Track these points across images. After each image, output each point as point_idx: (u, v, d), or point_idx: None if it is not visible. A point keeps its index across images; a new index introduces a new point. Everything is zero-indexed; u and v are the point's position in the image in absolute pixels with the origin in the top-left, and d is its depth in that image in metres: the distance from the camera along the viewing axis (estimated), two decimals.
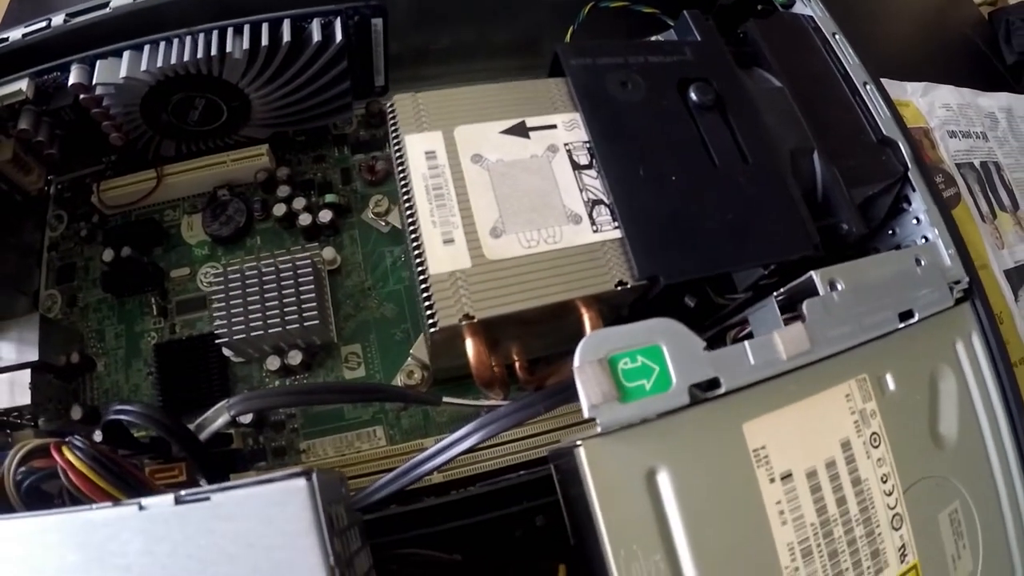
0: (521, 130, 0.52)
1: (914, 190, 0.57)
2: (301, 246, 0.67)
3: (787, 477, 0.40)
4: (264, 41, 0.61)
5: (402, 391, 0.61)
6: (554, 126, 0.52)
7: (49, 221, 0.75)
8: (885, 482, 0.43)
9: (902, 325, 0.46)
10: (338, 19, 0.63)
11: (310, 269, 0.63)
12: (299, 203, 0.65)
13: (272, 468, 0.62)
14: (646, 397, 0.38)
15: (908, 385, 0.45)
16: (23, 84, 0.67)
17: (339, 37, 0.62)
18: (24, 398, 0.65)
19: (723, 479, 0.39)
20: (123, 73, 0.62)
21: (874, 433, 0.44)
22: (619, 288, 0.47)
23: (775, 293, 0.47)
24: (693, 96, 0.53)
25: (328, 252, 0.68)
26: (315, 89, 0.67)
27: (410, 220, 0.46)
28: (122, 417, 0.52)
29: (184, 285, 0.73)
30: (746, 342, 0.40)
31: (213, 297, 0.62)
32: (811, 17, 0.65)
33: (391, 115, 0.50)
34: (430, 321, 0.44)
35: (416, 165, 0.48)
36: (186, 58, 0.62)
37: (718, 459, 0.39)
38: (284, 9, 0.63)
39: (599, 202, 0.50)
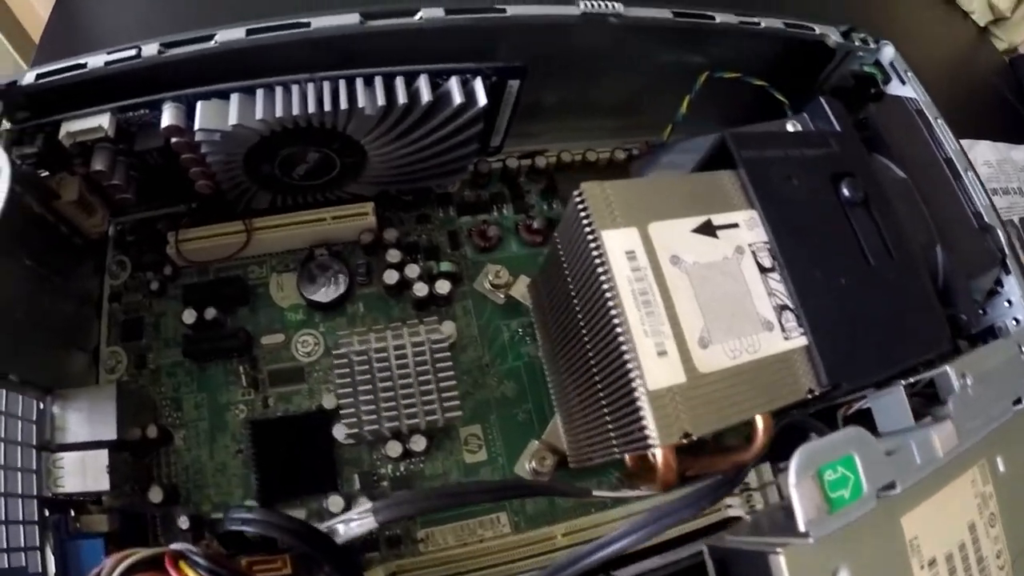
0: (709, 229, 0.43)
1: (1008, 273, 0.52)
2: (418, 319, 0.55)
3: (932, 563, 0.37)
4: (402, 98, 0.49)
5: (554, 487, 0.51)
6: (736, 225, 0.43)
7: (109, 267, 0.55)
8: (999, 557, 0.40)
9: (1014, 411, 0.42)
10: (478, 79, 0.51)
11: (447, 352, 0.52)
12: (412, 271, 0.50)
13: (387, 559, 0.52)
14: (847, 506, 0.34)
15: (1015, 466, 0.42)
16: (104, 120, 0.51)
17: (483, 100, 0.51)
18: (102, 483, 0.50)
19: (888, 570, 0.36)
20: (233, 120, 0.48)
21: (991, 513, 0.41)
22: (808, 396, 0.40)
23: (903, 382, 0.44)
24: (845, 192, 0.46)
25: (448, 327, 0.56)
26: (442, 150, 0.54)
27: (613, 327, 0.38)
28: (247, 528, 0.41)
29: (277, 353, 0.59)
30: (911, 442, 0.38)
31: (339, 382, 0.51)
32: (913, 100, 0.58)
33: (580, 205, 0.40)
34: (644, 440, 0.37)
35: (619, 266, 0.39)
36: (310, 109, 0.48)
37: (884, 552, 0.36)
38: (417, 62, 0.51)
39: (785, 307, 0.42)
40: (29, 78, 0.53)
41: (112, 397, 0.52)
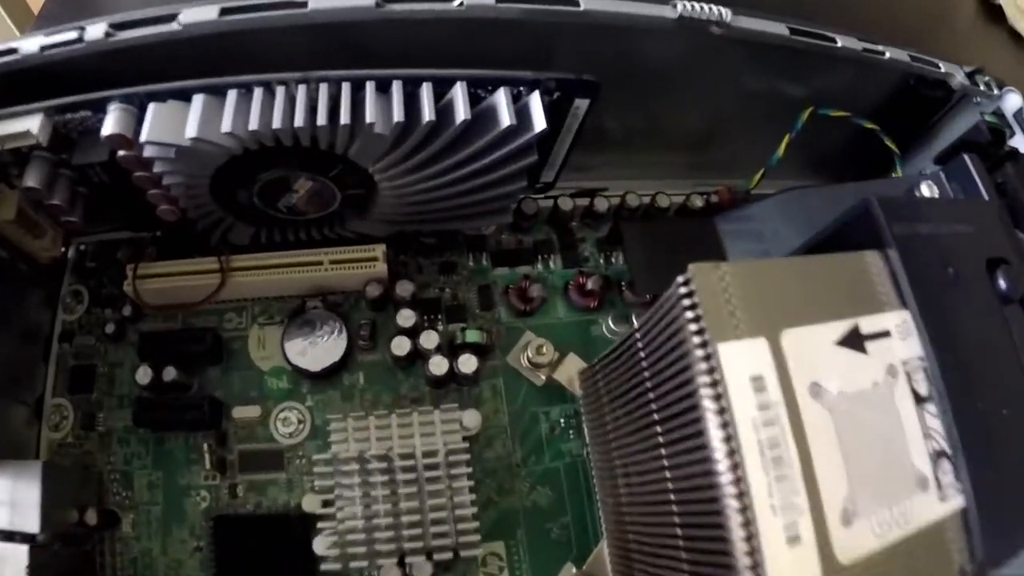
0: (856, 340, 0.28)
1: None
2: (433, 402, 0.41)
3: None
4: (427, 114, 0.34)
5: None
6: (887, 333, 0.29)
7: (63, 299, 0.35)
8: None
9: None
10: (535, 93, 0.36)
11: (466, 455, 0.38)
12: (429, 340, 0.43)
13: None
14: None
15: None
16: (33, 123, 0.36)
17: (541, 123, 0.35)
18: None
19: None
20: (192, 131, 0.33)
21: None
22: None
23: None
24: (1002, 284, 0.32)
25: (471, 418, 0.41)
26: (478, 186, 0.38)
27: (724, 497, 0.25)
28: None
29: (252, 431, 0.44)
30: None
31: (320, 484, 0.38)
32: None
33: (688, 300, 0.26)
34: None
35: (742, 402, 0.25)
36: (298, 122, 0.33)
37: None
38: (452, 65, 0.35)
39: (942, 454, 0.28)
40: None
41: (36, 479, 0.40)
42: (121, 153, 0.36)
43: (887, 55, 0.42)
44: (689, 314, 0.26)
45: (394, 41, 0.36)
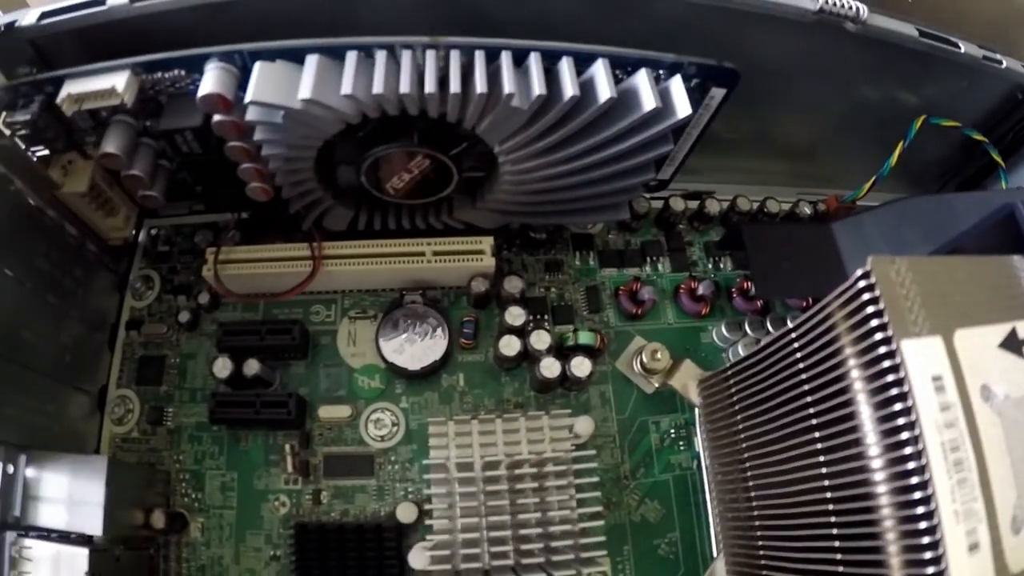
0: (1015, 344, 0.24)
1: None
2: (545, 411, 0.31)
3: None
4: (570, 89, 0.27)
5: None
6: None
7: (132, 284, 0.23)
8: None
9: None
10: (676, 77, 0.29)
11: (592, 463, 0.30)
12: (540, 340, 0.34)
13: None
14: None
15: None
16: (119, 80, 0.28)
17: (686, 107, 0.28)
18: None
19: None
20: (306, 93, 0.26)
21: None
22: None
23: None
24: None
25: (584, 425, 0.32)
26: (605, 176, 0.31)
27: (912, 502, 0.21)
28: None
29: (339, 432, 0.35)
30: None
31: (435, 493, 0.29)
32: None
33: (869, 294, 0.22)
34: None
35: (926, 402, 0.21)
36: (428, 88, 0.26)
37: None
38: (589, 41, 0.28)
39: None
40: (31, 18, 0.32)
41: (100, 476, 0.31)
42: (217, 118, 0.27)
43: (1004, 64, 0.37)
44: (871, 308, 0.22)
45: (517, 12, 0.28)
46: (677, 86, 0.29)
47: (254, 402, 0.33)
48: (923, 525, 0.21)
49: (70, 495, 0.32)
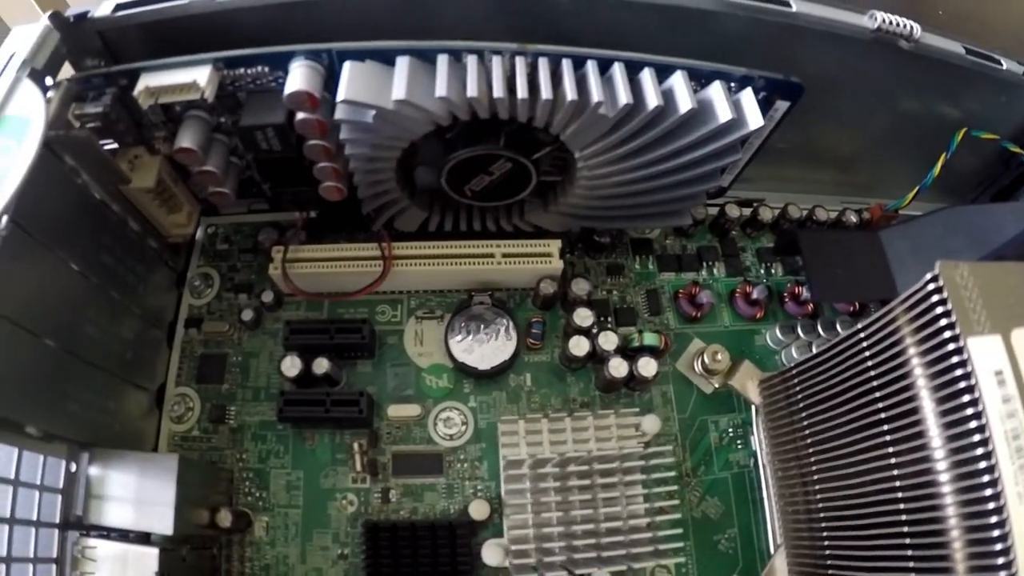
0: None
1: None
2: (614, 410, 0.31)
3: None
4: (653, 99, 0.26)
5: None
6: None
7: (191, 282, 0.21)
8: None
9: None
10: (747, 89, 0.29)
11: (671, 459, 0.30)
12: (608, 341, 0.24)
13: None
14: None
15: None
16: (201, 74, 0.26)
17: (758, 119, 0.28)
18: None
19: None
20: (400, 93, 0.24)
21: None
22: None
23: None
24: None
25: (651, 423, 0.31)
26: (675, 182, 0.30)
27: (981, 486, 0.21)
28: None
29: (407, 431, 0.33)
30: None
31: (511, 490, 0.28)
32: None
33: (938, 295, 0.23)
34: None
35: (990, 395, 0.21)
36: (521, 93, 0.25)
37: None
38: (655, 52, 0.27)
39: None
40: (105, 9, 0.30)
41: (171, 475, 0.29)
42: (301, 115, 0.25)
43: None
44: (940, 309, 0.23)
45: (589, 23, 0.27)
46: (748, 98, 0.29)
47: (324, 400, 0.32)
48: (991, 506, 0.21)
49: (138, 494, 0.29)
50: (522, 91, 0.26)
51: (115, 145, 0.32)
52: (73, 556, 0.30)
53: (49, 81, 0.28)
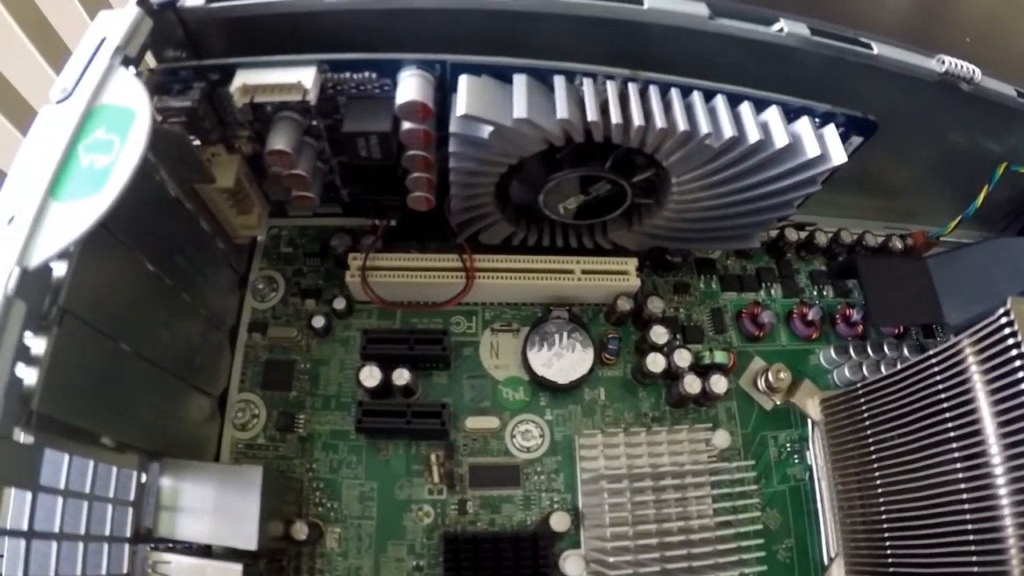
0: None
1: None
2: (689, 425, 0.31)
3: None
4: (755, 134, 0.26)
5: None
6: None
7: (254, 285, 0.19)
8: None
9: None
10: (831, 125, 0.29)
11: (753, 478, 0.31)
12: (682, 358, 0.18)
13: None
14: None
15: None
16: (307, 75, 0.25)
17: (841, 155, 0.28)
18: None
19: None
20: (521, 112, 0.24)
21: None
22: None
23: None
24: None
25: (722, 438, 0.31)
26: (755, 209, 0.30)
27: None
28: None
29: (484, 443, 0.32)
30: None
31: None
32: None
33: (1009, 328, 0.24)
34: None
35: None
36: (636, 120, 0.24)
37: None
38: (741, 83, 0.27)
39: None
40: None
41: (256, 487, 0.27)
42: (408, 125, 0.23)
43: None
44: (1011, 340, 0.25)
45: (682, 54, 0.27)
46: (832, 134, 0.30)
47: (405, 412, 0.30)
48: None
49: (217, 506, 0.27)
50: (638, 118, 0.25)
51: (197, 142, 0.29)
52: (144, 571, 0.27)
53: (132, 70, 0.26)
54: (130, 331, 0.27)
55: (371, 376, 0.32)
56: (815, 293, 0.39)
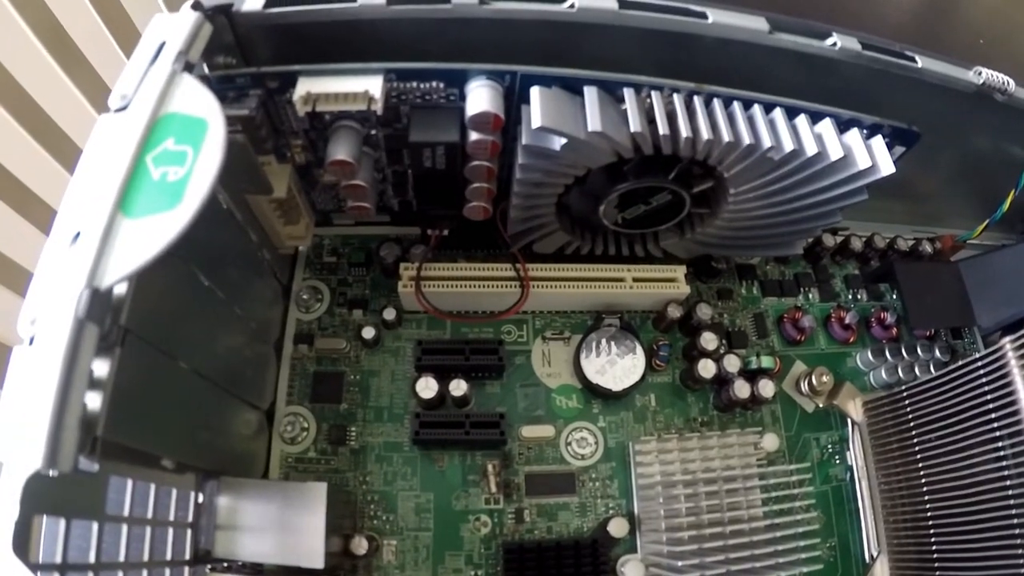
0: None
1: None
2: (739, 430, 0.31)
3: None
4: (813, 146, 0.27)
5: None
6: None
7: (298, 296, 0.18)
8: None
9: None
10: (878, 136, 0.29)
11: (808, 483, 0.31)
12: (731, 364, 0.25)
13: None
14: None
15: None
16: (374, 85, 0.23)
17: (890, 166, 0.28)
18: None
19: None
20: (595, 125, 0.24)
21: None
22: None
23: None
24: None
25: (770, 441, 0.33)
26: (803, 217, 0.30)
27: None
28: None
29: (540, 451, 0.32)
30: None
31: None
32: None
33: None
34: None
35: None
36: (704, 134, 0.25)
37: None
38: (793, 92, 0.28)
39: None
40: (254, 3, 0.27)
41: (320, 505, 0.26)
42: (476, 136, 0.23)
43: None
44: None
45: (736, 61, 0.28)
46: (880, 146, 0.31)
47: (463, 423, 0.29)
48: None
49: (279, 524, 0.27)
50: (706, 132, 0.25)
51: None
52: None
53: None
54: (186, 348, 0.26)
55: (428, 387, 0.32)
56: (850, 297, 0.40)
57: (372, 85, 0.27)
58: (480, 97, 0.25)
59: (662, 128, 0.25)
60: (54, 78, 0.42)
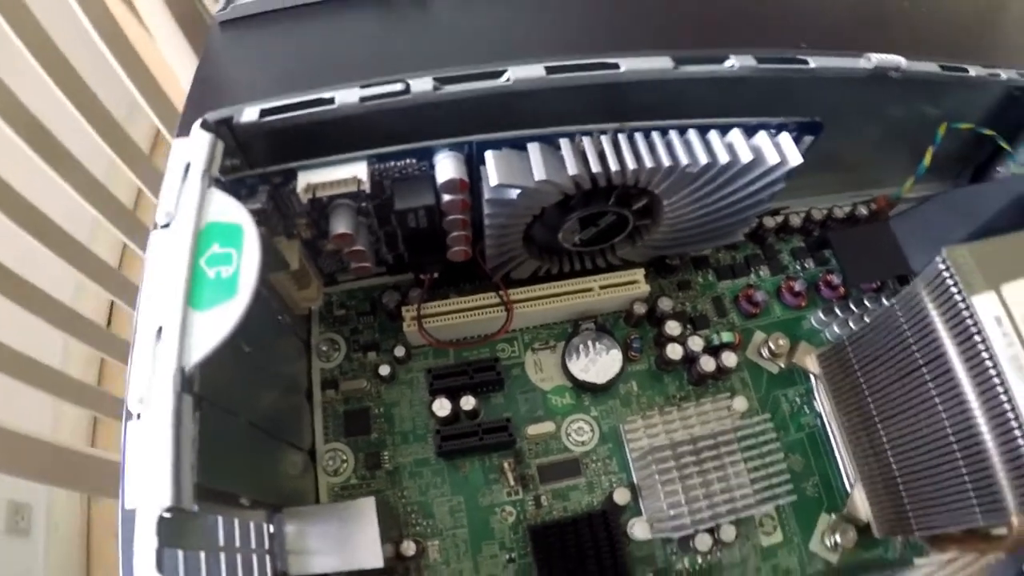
0: None
1: None
2: (702, 396, 0.40)
3: None
4: (724, 156, 0.34)
5: None
6: None
7: (317, 348, 0.29)
8: None
9: None
10: (784, 134, 0.36)
11: (772, 430, 0.37)
12: (696, 343, 0.35)
13: None
14: None
15: None
16: (360, 170, 0.31)
17: (797, 158, 0.36)
18: None
19: None
20: (540, 175, 0.32)
21: None
22: None
23: None
24: None
25: (740, 403, 0.41)
26: (733, 212, 0.39)
27: (996, 396, 0.30)
28: None
29: (545, 444, 0.41)
30: None
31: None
32: None
33: (947, 272, 0.31)
34: None
35: (994, 335, 0.30)
36: (630, 164, 0.32)
37: None
38: (709, 112, 0.35)
39: None
40: (250, 115, 0.30)
41: (372, 514, 0.33)
42: (448, 197, 0.31)
43: (1003, 76, 0.46)
44: (950, 281, 0.32)
45: (654, 97, 0.37)
46: (787, 141, 0.38)
47: (476, 431, 0.37)
48: (1008, 408, 0.29)
49: (340, 539, 0.34)
50: (631, 163, 0.33)
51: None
52: None
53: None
54: (241, 404, 0.34)
55: (442, 407, 0.39)
56: (798, 267, 0.48)
57: (359, 170, 0.35)
58: (446, 167, 0.33)
59: (594, 167, 0.33)
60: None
